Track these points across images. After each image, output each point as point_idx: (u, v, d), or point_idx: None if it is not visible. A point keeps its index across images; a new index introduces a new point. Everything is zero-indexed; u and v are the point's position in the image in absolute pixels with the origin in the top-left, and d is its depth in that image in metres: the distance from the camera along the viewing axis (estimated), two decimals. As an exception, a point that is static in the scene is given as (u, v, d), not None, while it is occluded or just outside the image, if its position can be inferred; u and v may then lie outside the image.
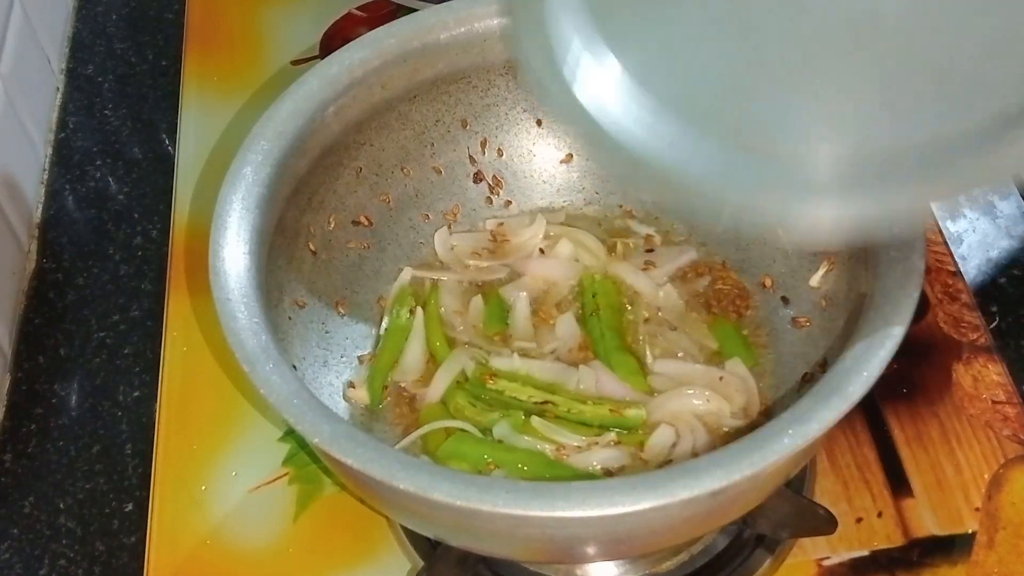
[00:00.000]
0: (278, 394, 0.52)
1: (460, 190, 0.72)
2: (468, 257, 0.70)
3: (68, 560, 0.68)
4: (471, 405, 0.63)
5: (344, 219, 0.68)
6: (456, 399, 0.64)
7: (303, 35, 0.94)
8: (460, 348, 0.66)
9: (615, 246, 0.71)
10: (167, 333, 0.76)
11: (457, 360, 0.65)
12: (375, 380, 0.65)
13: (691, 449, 0.62)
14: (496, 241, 0.71)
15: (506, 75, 0.69)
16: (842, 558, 0.65)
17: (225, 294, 0.55)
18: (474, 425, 0.63)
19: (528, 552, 0.58)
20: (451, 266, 0.70)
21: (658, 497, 0.47)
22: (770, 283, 0.67)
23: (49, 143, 0.90)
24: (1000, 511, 0.67)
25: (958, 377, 0.72)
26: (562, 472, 0.61)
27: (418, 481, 0.48)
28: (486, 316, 0.68)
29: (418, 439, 0.63)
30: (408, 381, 0.66)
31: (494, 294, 0.69)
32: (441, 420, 0.63)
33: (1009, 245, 0.78)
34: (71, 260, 0.82)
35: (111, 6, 1.00)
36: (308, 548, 0.67)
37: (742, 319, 0.67)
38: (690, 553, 0.65)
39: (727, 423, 0.62)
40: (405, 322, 0.67)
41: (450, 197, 0.72)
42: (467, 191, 0.72)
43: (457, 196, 0.72)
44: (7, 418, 0.74)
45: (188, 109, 0.90)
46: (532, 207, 0.73)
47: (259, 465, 0.70)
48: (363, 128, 0.67)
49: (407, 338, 0.66)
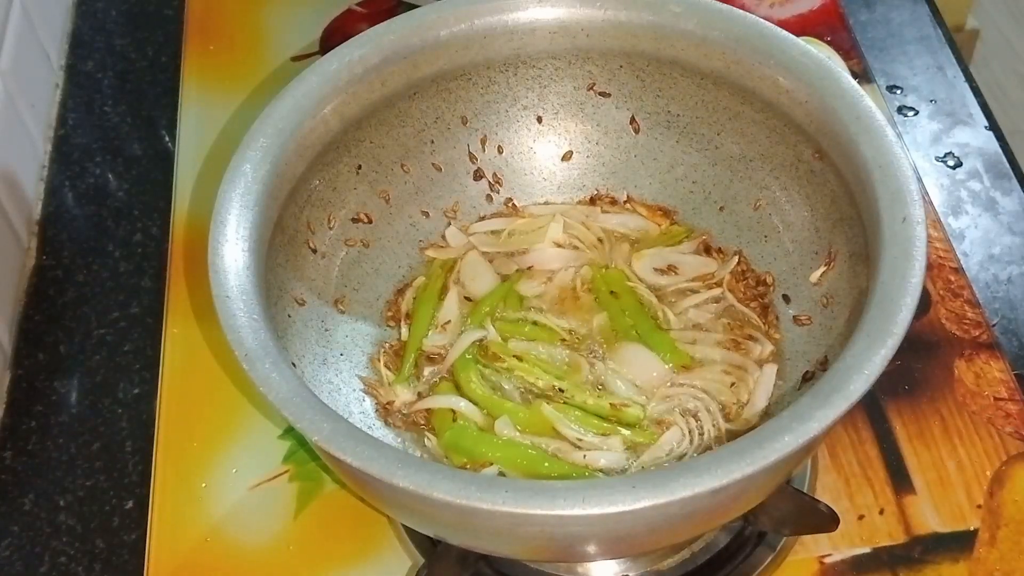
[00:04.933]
0: (277, 392, 0.52)
1: (460, 187, 0.72)
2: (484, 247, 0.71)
3: (68, 557, 0.68)
4: (480, 381, 0.64)
5: (344, 216, 0.68)
6: (467, 372, 0.64)
7: (303, 31, 0.94)
8: (486, 319, 0.67)
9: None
10: (167, 330, 0.76)
11: (479, 331, 0.66)
12: (409, 349, 0.66)
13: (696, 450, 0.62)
14: (510, 236, 0.71)
15: (506, 72, 0.69)
16: (844, 555, 0.65)
17: (224, 292, 0.55)
18: (478, 405, 0.63)
19: (528, 550, 0.58)
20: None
21: (658, 495, 0.47)
22: (771, 281, 0.67)
23: (49, 140, 0.89)
24: (1002, 508, 0.66)
25: (960, 374, 0.72)
26: (562, 469, 0.61)
27: (417, 479, 0.48)
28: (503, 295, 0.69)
29: (426, 415, 0.64)
30: (440, 346, 0.67)
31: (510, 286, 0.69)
32: (448, 396, 0.64)
33: (1011, 241, 0.78)
34: (71, 257, 0.82)
35: (111, 2, 0.99)
36: (308, 545, 0.67)
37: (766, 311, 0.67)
38: (691, 551, 0.65)
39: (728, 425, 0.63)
40: (435, 288, 0.69)
41: (450, 194, 0.72)
42: (467, 188, 0.72)
43: (457, 193, 0.72)
44: (7, 415, 0.74)
45: (188, 105, 0.89)
46: (532, 204, 0.73)
47: (259, 462, 0.70)
48: (363, 125, 0.66)
49: (442, 302, 0.68)
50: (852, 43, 0.90)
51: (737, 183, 0.69)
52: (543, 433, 0.62)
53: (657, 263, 0.69)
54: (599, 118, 0.71)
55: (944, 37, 0.91)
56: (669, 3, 0.65)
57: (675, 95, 0.69)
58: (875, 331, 0.51)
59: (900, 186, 0.56)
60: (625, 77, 0.69)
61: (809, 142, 0.63)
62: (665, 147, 0.71)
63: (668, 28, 0.65)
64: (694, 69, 0.66)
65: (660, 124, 0.70)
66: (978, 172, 0.82)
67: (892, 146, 0.58)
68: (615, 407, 0.63)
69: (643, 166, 0.72)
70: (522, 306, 0.68)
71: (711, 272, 0.69)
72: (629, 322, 0.66)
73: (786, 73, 0.62)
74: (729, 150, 0.68)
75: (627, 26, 0.66)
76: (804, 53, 0.62)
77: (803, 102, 0.62)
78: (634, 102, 0.70)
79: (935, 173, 0.82)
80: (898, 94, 0.87)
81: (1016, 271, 0.77)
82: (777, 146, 0.66)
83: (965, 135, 0.84)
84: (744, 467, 0.47)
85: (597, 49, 0.68)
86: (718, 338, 0.66)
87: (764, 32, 0.64)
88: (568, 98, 0.71)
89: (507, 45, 0.68)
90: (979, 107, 0.86)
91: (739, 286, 0.67)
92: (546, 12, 0.67)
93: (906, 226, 0.55)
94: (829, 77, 0.61)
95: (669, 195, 0.71)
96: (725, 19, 0.64)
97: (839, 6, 0.93)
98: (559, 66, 0.69)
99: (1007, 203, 0.80)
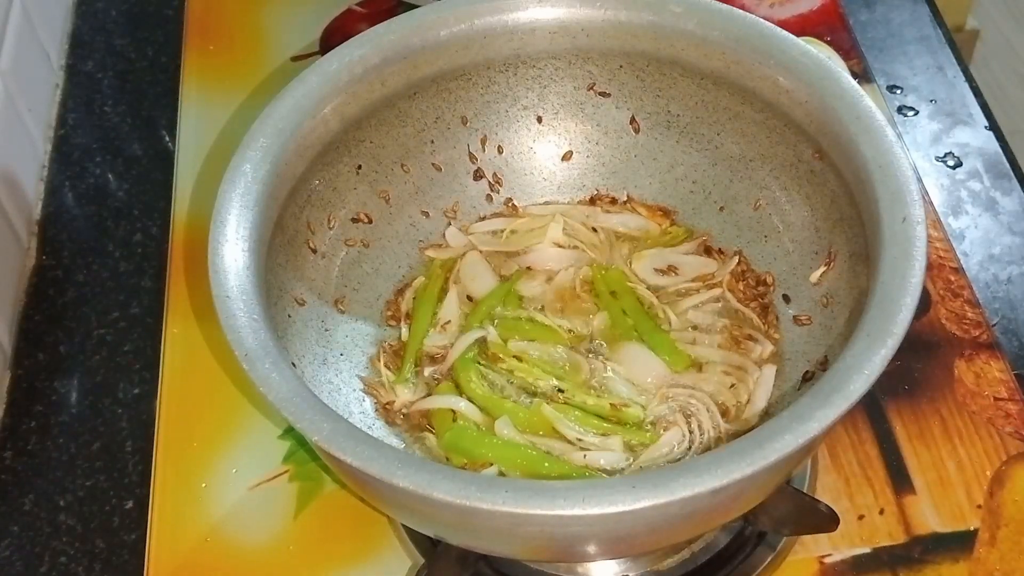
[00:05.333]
0: (277, 392, 0.51)
1: (460, 187, 0.72)
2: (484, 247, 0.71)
3: (68, 557, 0.68)
4: (480, 381, 0.64)
5: (344, 216, 0.68)
6: (468, 372, 0.64)
7: (303, 31, 0.94)
8: (486, 319, 0.67)
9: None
10: (167, 330, 0.76)
11: (479, 331, 0.66)
12: (410, 349, 0.66)
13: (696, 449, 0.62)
14: (510, 236, 0.71)
15: (506, 72, 0.69)
16: (844, 555, 0.65)
17: (224, 292, 0.55)
18: (478, 405, 0.63)
19: (529, 550, 0.58)
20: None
21: (658, 495, 0.47)
22: (771, 281, 0.67)
23: (49, 140, 0.89)
24: (1002, 508, 0.66)
25: (960, 374, 0.72)
26: (562, 469, 0.61)
27: (417, 479, 0.48)
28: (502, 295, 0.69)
29: (426, 415, 0.64)
30: (441, 346, 0.67)
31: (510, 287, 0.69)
32: (448, 396, 0.64)
33: (1011, 241, 0.78)
34: (71, 257, 0.82)
35: (111, 2, 0.99)
36: (308, 546, 0.67)
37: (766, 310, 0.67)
38: (691, 551, 0.65)
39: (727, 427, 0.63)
40: (435, 288, 0.69)
41: (450, 194, 0.72)
42: (467, 188, 0.72)
43: (457, 193, 0.72)
44: (7, 415, 0.74)
45: (188, 105, 0.89)
46: (532, 204, 0.73)
47: (259, 462, 0.70)
48: (363, 125, 0.66)
49: (442, 302, 0.68)
50: (852, 43, 0.90)
51: (737, 183, 0.69)
52: (543, 433, 0.63)
53: (657, 263, 0.69)
54: (599, 118, 0.71)
55: (944, 37, 0.91)
56: (669, 3, 0.65)
57: (675, 95, 0.69)
58: (875, 331, 0.51)
59: (900, 186, 0.56)
60: (625, 77, 0.69)
61: (809, 142, 0.63)
62: (665, 147, 0.71)
63: (668, 28, 0.65)
64: (694, 69, 0.66)
65: (660, 124, 0.70)
66: (978, 172, 0.82)
67: (892, 146, 0.58)
68: (615, 407, 0.63)
69: (643, 166, 0.72)
70: (521, 305, 0.68)
71: (711, 272, 0.69)
72: (630, 322, 0.66)
73: (786, 73, 0.62)
74: (729, 150, 0.68)
75: (627, 26, 0.66)
76: (804, 53, 0.62)
77: (803, 102, 0.62)
78: (634, 102, 0.70)
79: (935, 173, 0.82)
80: (898, 94, 0.87)
81: (1016, 271, 0.77)
82: (777, 146, 0.66)
83: (965, 135, 0.84)
84: (744, 467, 0.47)
85: (597, 49, 0.68)
86: (718, 339, 0.66)
87: (764, 32, 0.64)
88: (568, 98, 0.71)
89: (507, 45, 0.68)
90: (979, 107, 0.86)
91: (739, 286, 0.67)
92: (546, 12, 0.67)
93: (906, 226, 0.55)
94: (829, 77, 0.61)
95: (669, 195, 0.71)
96: (725, 19, 0.64)
97: (839, 6, 0.93)
98: (559, 66, 0.69)
99: (1007, 203, 0.80)
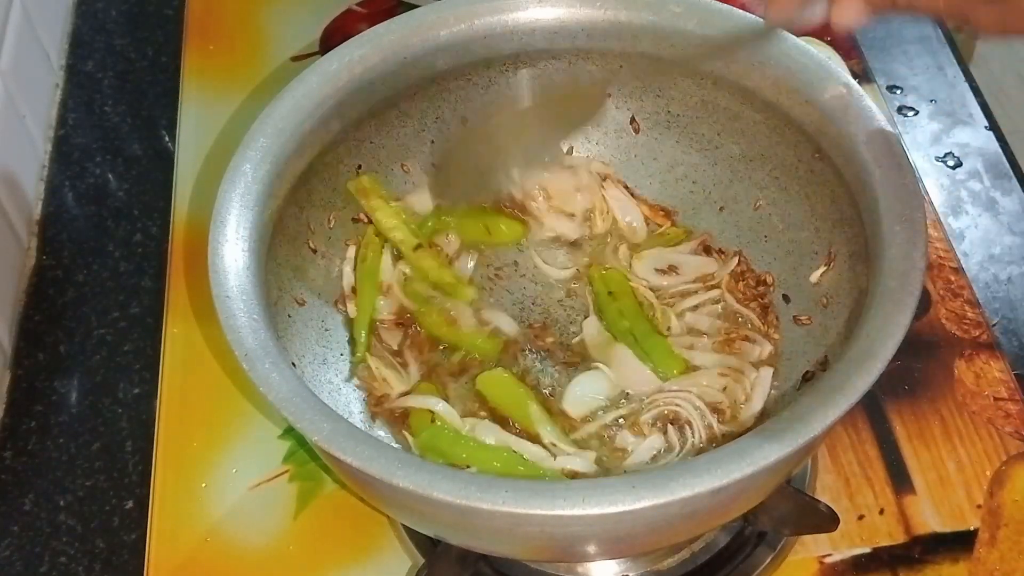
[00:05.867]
0: (277, 392, 0.51)
1: (460, 187, 0.72)
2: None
3: (68, 557, 0.68)
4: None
5: (344, 216, 0.68)
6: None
7: (303, 31, 0.94)
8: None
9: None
10: (167, 330, 0.76)
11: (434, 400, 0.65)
12: (360, 320, 0.66)
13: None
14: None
15: (506, 72, 0.69)
16: (844, 555, 0.65)
17: (224, 291, 0.55)
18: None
19: (528, 550, 0.58)
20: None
21: (658, 495, 0.47)
22: (771, 281, 0.67)
23: (49, 140, 0.89)
24: (1002, 508, 0.66)
25: (960, 374, 0.72)
26: (535, 473, 0.61)
27: (417, 479, 0.48)
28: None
29: (405, 412, 0.64)
30: (388, 313, 0.67)
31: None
32: (426, 396, 0.64)
33: (1011, 241, 0.78)
34: (71, 257, 0.82)
35: (111, 2, 0.99)
36: (308, 545, 0.67)
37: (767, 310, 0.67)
38: (691, 550, 0.65)
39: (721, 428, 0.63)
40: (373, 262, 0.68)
41: (450, 194, 0.72)
42: (467, 188, 0.72)
43: (457, 193, 0.72)
44: (7, 415, 0.74)
45: (188, 105, 0.89)
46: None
47: (259, 462, 0.70)
48: (363, 125, 0.66)
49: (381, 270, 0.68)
50: (852, 43, 0.90)
51: (737, 183, 0.69)
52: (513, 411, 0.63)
53: (658, 264, 0.69)
54: (599, 118, 0.71)
55: (944, 37, 0.91)
56: (669, 3, 0.65)
57: (675, 95, 0.69)
58: (875, 331, 0.51)
59: (900, 186, 0.56)
60: (625, 77, 0.69)
61: (809, 142, 0.63)
62: (665, 147, 0.71)
63: (668, 28, 0.65)
64: (694, 69, 0.66)
65: (660, 124, 0.70)
66: (978, 172, 0.82)
67: (892, 146, 0.58)
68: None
69: (643, 166, 0.72)
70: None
71: (712, 272, 0.69)
72: (626, 325, 0.66)
73: (786, 73, 0.62)
74: (729, 150, 0.68)
75: (627, 26, 0.66)
76: (804, 53, 0.62)
77: (803, 102, 0.62)
78: (634, 102, 0.70)
79: (935, 173, 0.82)
80: (898, 94, 0.87)
81: (1016, 271, 0.77)
82: (777, 146, 0.66)
83: (965, 135, 0.84)
84: (744, 467, 0.47)
85: (597, 49, 0.68)
86: (715, 341, 0.66)
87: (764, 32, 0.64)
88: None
89: (507, 45, 0.68)
90: (979, 107, 0.86)
91: (739, 286, 0.67)
92: (546, 12, 0.67)
93: (906, 226, 0.55)
94: (829, 77, 0.61)
95: (669, 195, 0.71)
96: (725, 19, 0.64)
97: (839, 6, 0.93)
98: (559, 66, 0.69)
99: (1007, 203, 0.80)
